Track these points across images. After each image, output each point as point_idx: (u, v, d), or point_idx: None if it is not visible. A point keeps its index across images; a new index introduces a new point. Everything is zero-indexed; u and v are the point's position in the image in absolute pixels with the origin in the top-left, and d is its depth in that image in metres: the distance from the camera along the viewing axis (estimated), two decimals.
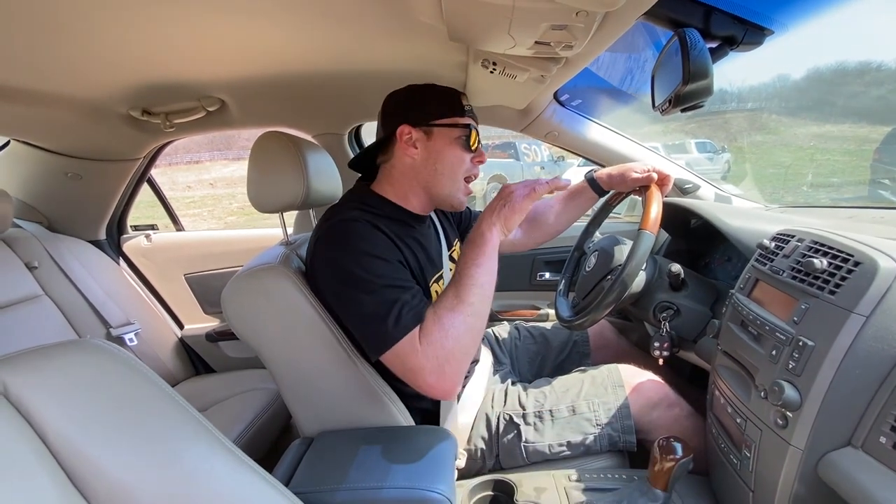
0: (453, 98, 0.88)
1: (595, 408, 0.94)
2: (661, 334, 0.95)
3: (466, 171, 0.89)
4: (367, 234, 0.79)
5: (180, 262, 1.80)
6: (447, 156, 0.87)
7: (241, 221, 10.11)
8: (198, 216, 10.59)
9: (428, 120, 0.86)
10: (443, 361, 0.72)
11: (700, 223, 1.13)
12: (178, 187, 13.28)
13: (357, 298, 0.76)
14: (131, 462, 0.49)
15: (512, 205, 0.79)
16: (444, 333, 0.72)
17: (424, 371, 0.72)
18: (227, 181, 13.70)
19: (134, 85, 1.05)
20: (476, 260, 0.76)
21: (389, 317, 0.73)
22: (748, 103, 11.37)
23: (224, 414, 1.34)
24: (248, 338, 0.88)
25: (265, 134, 0.96)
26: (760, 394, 0.66)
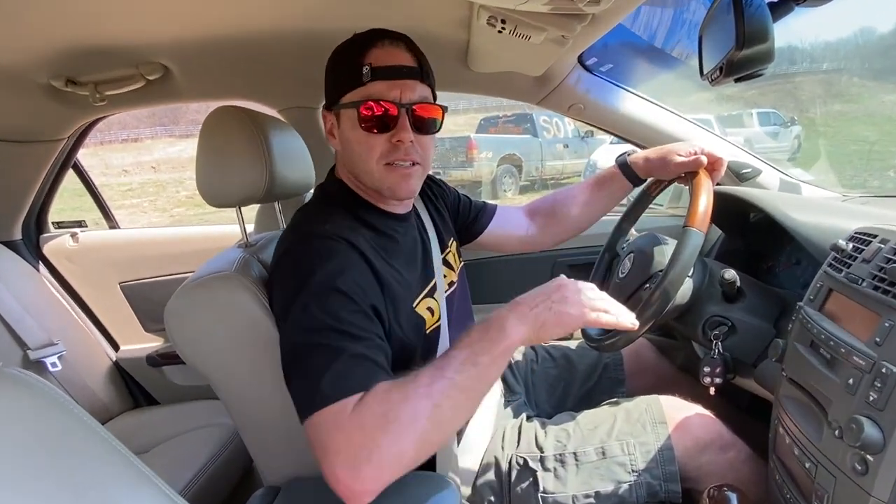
0: (352, 60, 0.83)
1: (630, 450, 0.94)
2: (712, 357, 0.95)
3: (383, 157, 0.85)
4: (332, 256, 0.77)
5: (115, 267, 1.80)
6: (352, 143, 0.86)
7: (190, 214, 10.13)
8: (137, 208, 10.63)
9: (335, 99, 0.87)
10: (364, 456, 0.63)
11: (761, 218, 1.14)
12: (112, 171, 13.33)
13: (294, 338, 0.74)
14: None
15: (561, 313, 0.73)
16: (383, 420, 0.64)
17: (339, 456, 0.64)
18: (172, 163, 13.74)
19: (55, 49, 1.05)
20: (477, 358, 0.69)
21: (327, 372, 0.68)
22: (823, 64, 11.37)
23: (170, 456, 1.35)
24: (198, 363, 0.88)
25: (218, 109, 0.96)
26: (834, 432, 0.66)
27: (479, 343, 0.70)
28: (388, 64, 0.82)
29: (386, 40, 0.84)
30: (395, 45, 0.84)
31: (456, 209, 1.18)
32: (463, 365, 0.69)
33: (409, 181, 0.88)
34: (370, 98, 0.82)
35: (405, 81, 0.83)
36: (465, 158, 8.72)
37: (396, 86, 0.83)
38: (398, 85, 0.83)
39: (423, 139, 0.88)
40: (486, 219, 1.22)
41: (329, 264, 0.77)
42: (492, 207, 1.25)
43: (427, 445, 0.67)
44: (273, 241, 1.04)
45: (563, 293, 0.74)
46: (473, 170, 8.67)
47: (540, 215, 1.27)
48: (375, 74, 0.82)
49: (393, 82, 0.82)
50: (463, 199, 1.21)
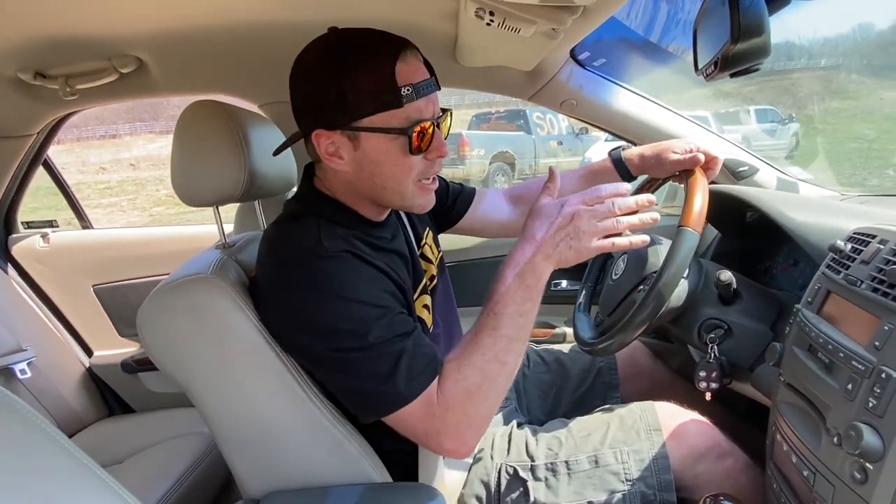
0: (385, 79, 0.75)
1: (624, 458, 0.94)
2: (708, 361, 0.95)
3: (420, 175, 0.84)
4: (343, 272, 0.77)
5: (88, 269, 1.78)
6: (384, 166, 0.81)
7: (170, 213, 10.07)
8: (115, 206, 10.54)
9: (349, 121, 0.78)
10: (464, 426, 0.77)
11: (757, 217, 1.14)
12: (89, 169, 13.22)
13: (340, 357, 0.77)
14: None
15: (580, 249, 0.77)
16: (467, 394, 0.76)
17: (440, 435, 0.77)
18: (152, 160, 13.65)
19: (23, 40, 1.04)
20: (523, 307, 0.78)
21: (397, 375, 0.75)
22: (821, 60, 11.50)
23: (145, 467, 1.33)
24: (173, 371, 0.87)
25: (194, 104, 0.95)
26: (833, 439, 0.66)
27: (520, 292, 0.78)
28: (421, 79, 0.78)
29: (410, 51, 0.78)
30: (413, 55, 0.79)
31: None
32: (513, 319, 0.77)
33: (432, 196, 0.89)
34: (416, 121, 0.78)
35: (432, 95, 0.81)
36: (457, 156, 8.73)
37: (430, 102, 0.80)
38: (431, 101, 0.80)
39: None
40: (465, 203, 1.21)
41: (344, 280, 0.77)
42: (470, 191, 1.23)
43: (504, 392, 0.80)
44: (253, 242, 1.03)
45: (577, 225, 0.77)
46: (465, 167, 8.68)
47: (524, 202, 1.26)
48: (418, 94, 0.77)
49: (427, 99, 0.79)
50: (441, 183, 1.18)
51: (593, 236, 0.76)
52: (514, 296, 0.78)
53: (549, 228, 0.78)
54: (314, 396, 0.84)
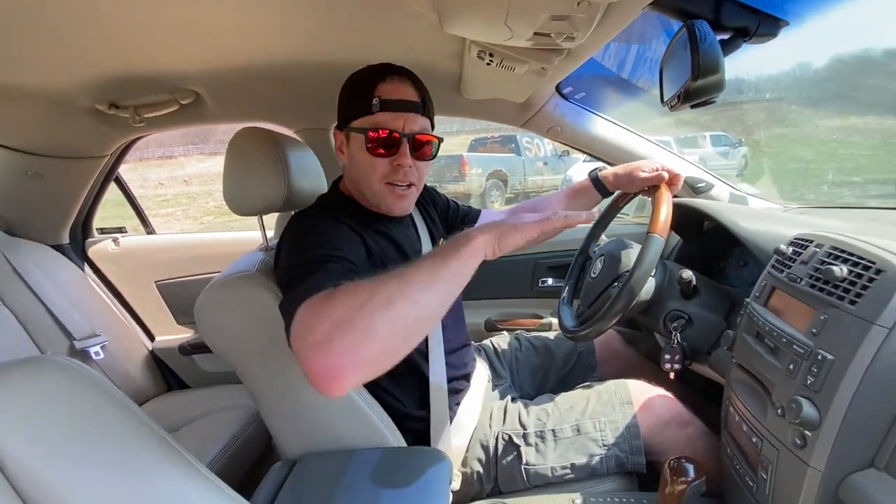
0: (365, 91, 0.84)
1: (601, 427, 0.95)
2: (671, 346, 0.96)
3: (385, 177, 0.87)
4: (323, 225, 0.81)
5: (151, 268, 1.79)
6: (359, 162, 0.87)
7: (218, 222, 10.08)
8: (171, 216, 10.55)
9: (346, 122, 0.88)
10: (325, 349, 0.56)
11: (713, 226, 1.14)
12: (149, 184, 13.22)
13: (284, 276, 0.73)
14: (96, 491, 0.49)
15: (518, 226, 0.70)
16: (345, 316, 0.57)
17: (304, 347, 0.57)
18: (203, 178, 13.65)
19: (101, 77, 1.05)
20: (446, 258, 0.64)
21: (304, 283, 0.65)
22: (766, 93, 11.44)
23: (198, 434, 1.34)
24: (224, 352, 0.88)
25: (243, 130, 0.96)
26: (777, 411, 0.66)
27: (447, 248, 0.66)
28: (395, 98, 0.84)
29: (395, 76, 0.85)
30: (402, 80, 0.86)
31: (445, 213, 1.19)
32: (427, 268, 0.63)
33: (404, 201, 0.91)
34: (378, 126, 0.83)
35: (408, 114, 0.85)
36: (458, 174, 8.74)
37: (401, 117, 0.84)
38: (402, 116, 0.84)
39: (420, 164, 0.90)
40: (472, 221, 1.23)
41: (319, 228, 0.80)
42: (476, 211, 1.25)
43: (378, 340, 0.57)
44: None
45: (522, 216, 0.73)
46: (465, 184, 8.68)
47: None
48: (383, 106, 0.83)
49: (398, 114, 0.84)
50: (451, 204, 1.21)
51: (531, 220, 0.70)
52: (441, 251, 0.66)
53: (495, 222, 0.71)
54: None
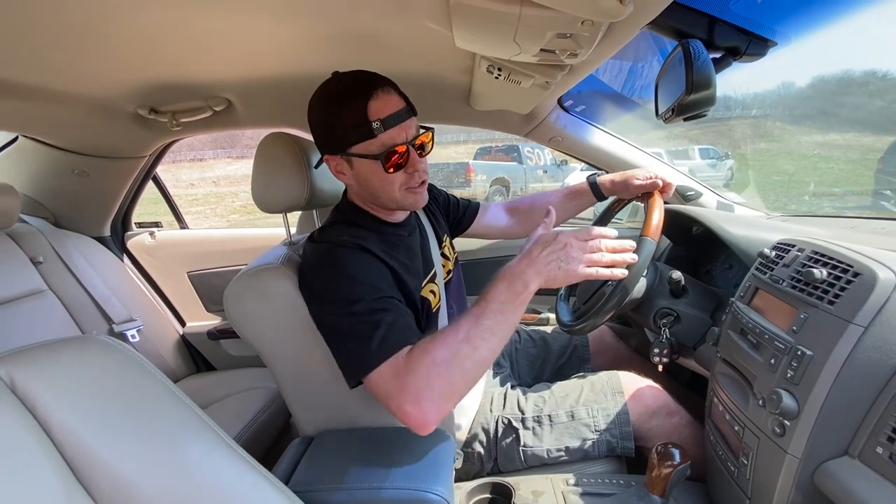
0: (359, 116, 0.77)
1: (594, 414, 0.94)
2: (660, 340, 0.95)
3: (404, 185, 0.84)
4: (352, 258, 0.78)
5: (183, 259, 1.80)
6: (373, 181, 0.83)
7: (243, 220, 10.14)
8: (200, 214, 10.62)
9: (343, 149, 0.81)
10: (423, 394, 0.65)
11: (702, 231, 1.14)
12: (181, 185, 13.33)
13: (335, 322, 0.75)
14: (135, 457, 0.50)
15: (568, 271, 0.70)
16: (432, 364, 0.66)
17: (401, 397, 0.66)
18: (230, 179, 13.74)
19: (143, 84, 1.06)
20: (505, 307, 0.69)
21: (371, 342, 0.70)
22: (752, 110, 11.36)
23: (225, 412, 1.35)
24: (250, 337, 0.88)
25: (270, 135, 0.96)
26: (759, 402, 0.66)
27: (507, 294, 0.70)
28: (390, 113, 0.78)
29: (380, 90, 0.78)
30: (388, 91, 0.79)
31: (447, 208, 1.18)
32: (495, 314, 0.69)
33: (422, 195, 0.87)
34: (388, 147, 0.78)
35: (404, 123, 0.80)
36: (464, 180, 8.75)
37: (402, 129, 0.79)
38: (402, 128, 0.79)
39: (425, 160, 0.87)
40: (472, 215, 1.22)
41: (351, 264, 0.78)
42: (475, 205, 1.24)
43: (469, 379, 0.68)
44: None
45: (569, 252, 0.71)
46: (470, 189, 8.68)
47: (518, 213, 1.27)
48: (386, 126, 0.77)
49: (399, 127, 0.79)
50: (452, 199, 1.20)
51: (580, 263, 0.71)
52: (501, 295, 0.70)
53: (543, 250, 0.72)
54: None
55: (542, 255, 0.72)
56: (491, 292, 0.71)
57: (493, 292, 0.71)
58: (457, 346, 0.67)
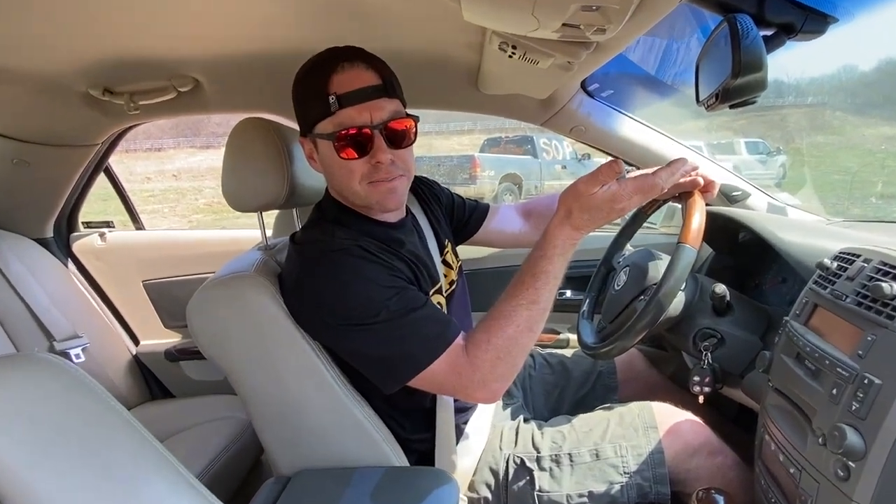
0: (318, 89, 0.80)
1: (622, 452, 0.94)
2: (701, 367, 0.95)
3: (366, 177, 0.84)
4: (360, 261, 0.81)
5: (138, 266, 1.81)
6: (332, 168, 0.85)
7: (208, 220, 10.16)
8: (157, 213, 10.65)
9: (308, 128, 0.86)
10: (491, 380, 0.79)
11: (749, 237, 1.14)
12: (135, 178, 13.38)
13: (369, 331, 0.78)
14: (78, 496, 0.50)
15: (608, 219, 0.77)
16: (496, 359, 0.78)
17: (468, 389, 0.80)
18: (193, 173, 13.80)
19: (96, 60, 1.07)
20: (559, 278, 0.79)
21: (412, 341, 0.78)
22: (808, 98, 11.42)
23: (185, 446, 1.34)
24: (217, 357, 0.89)
25: (244, 121, 0.97)
26: (818, 439, 0.66)
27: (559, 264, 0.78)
28: (352, 89, 0.79)
29: (345, 63, 0.80)
30: (356, 66, 0.81)
31: (451, 210, 1.18)
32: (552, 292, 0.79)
33: (395, 194, 0.87)
34: (342, 127, 0.80)
35: (372, 102, 0.80)
36: (469, 176, 8.77)
37: (365, 108, 0.80)
38: (367, 107, 0.80)
39: (402, 153, 0.85)
40: (480, 218, 1.23)
41: (359, 267, 0.80)
42: (484, 207, 1.25)
43: (531, 345, 0.82)
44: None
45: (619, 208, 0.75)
46: (476, 186, 8.70)
47: (534, 216, 1.28)
48: (342, 102, 0.79)
49: (361, 106, 0.79)
50: (457, 199, 1.21)
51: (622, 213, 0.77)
52: (558, 272, 0.78)
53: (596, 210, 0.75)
54: (342, 384, 0.86)
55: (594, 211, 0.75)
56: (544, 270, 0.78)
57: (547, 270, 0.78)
58: (517, 336, 0.78)
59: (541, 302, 0.78)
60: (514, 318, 0.78)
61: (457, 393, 0.84)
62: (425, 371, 0.78)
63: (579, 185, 0.76)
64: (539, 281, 0.78)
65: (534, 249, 0.80)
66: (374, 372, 0.82)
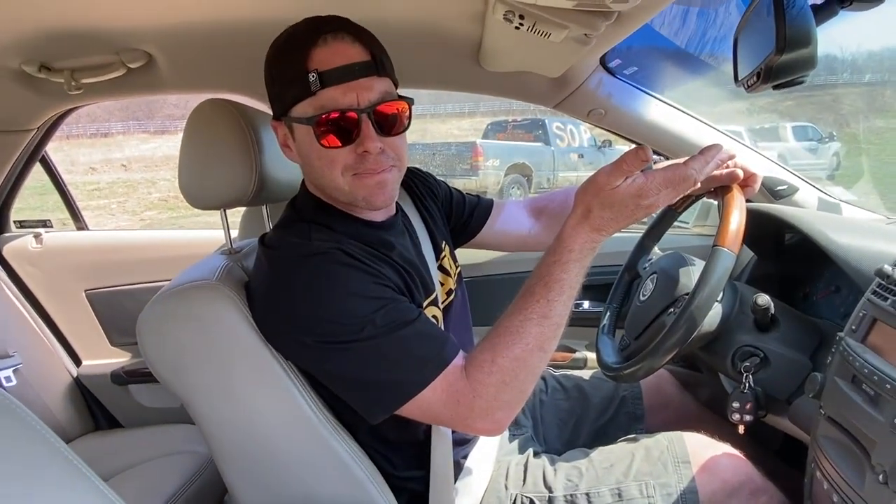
0: (296, 66, 0.79)
1: (650, 492, 0.94)
2: (742, 391, 0.95)
3: (350, 169, 0.83)
4: (342, 268, 0.80)
5: (81, 272, 1.81)
6: (311, 158, 0.85)
7: (162, 218, 10.17)
8: (104, 210, 10.65)
9: (283, 111, 0.85)
10: (495, 409, 0.79)
11: (797, 239, 1.15)
12: (78, 169, 13.38)
13: (349, 351, 0.78)
14: None
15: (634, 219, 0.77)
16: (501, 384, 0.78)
17: (469, 419, 0.79)
18: (145, 162, 13.82)
19: (29, 31, 1.07)
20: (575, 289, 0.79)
21: (403, 363, 0.77)
22: (866, 75, 11.49)
23: (133, 485, 1.34)
24: (172, 382, 0.88)
25: (205, 102, 0.97)
26: (878, 477, 0.66)
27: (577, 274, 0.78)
28: (337, 65, 0.78)
29: (328, 35, 0.79)
30: (338, 38, 0.80)
31: (448, 207, 1.19)
32: (566, 305, 0.79)
33: (385, 189, 0.86)
34: (324, 110, 0.79)
35: (359, 81, 0.79)
36: (470, 166, 8.77)
37: (351, 88, 0.79)
38: (353, 87, 0.79)
39: (393, 140, 0.85)
40: (483, 216, 1.23)
41: (342, 275, 0.79)
42: (487, 203, 1.25)
43: (541, 369, 0.82)
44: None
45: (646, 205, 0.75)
46: (479, 178, 8.71)
47: (546, 215, 1.29)
48: (325, 80, 0.78)
49: (346, 85, 0.79)
50: (455, 194, 1.21)
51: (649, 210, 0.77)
52: (574, 281, 0.78)
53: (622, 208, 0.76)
54: (320, 414, 0.85)
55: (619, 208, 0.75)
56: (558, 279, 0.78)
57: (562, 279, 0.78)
58: (526, 357, 0.78)
59: (553, 317, 0.78)
60: (523, 336, 0.77)
61: (455, 424, 0.83)
62: (417, 397, 0.77)
63: (600, 177, 0.76)
64: (552, 292, 0.77)
65: (546, 254, 0.80)
66: (357, 399, 0.81)
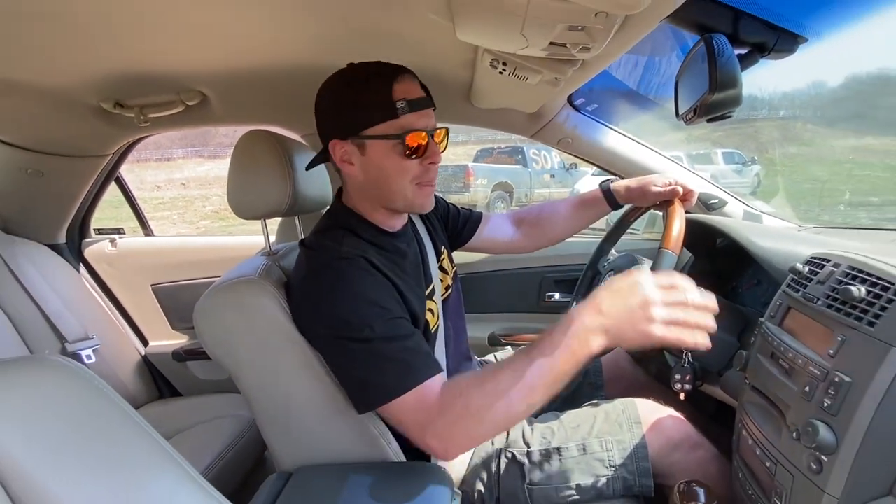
0: (383, 95, 0.81)
1: (608, 447, 0.94)
2: (682, 366, 0.95)
3: (416, 178, 0.86)
4: (359, 274, 0.80)
5: (148, 270, 1.80)
6: (386, 169, 0.85)
7: (215, 226, 10.13)
8: (167, 220, 10.61)
9: (357, 131, 0.83)
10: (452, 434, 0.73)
11: (727, 243, 1.15)
12: (146, 186, 13.32)
13: (345, 347, 0.78)
14: (89, 493, 0.49)
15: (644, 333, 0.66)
16: (464, 410, 0.72)
17: (427, 432, 0.74)
18: (200, 181, 13.76)
19: (107, 74, 1.07)
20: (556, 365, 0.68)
21: (390, 370, 0.75)
22: (780, 111, 11.53)
23: (190, 443, 1.33)
24: (222, 358, 0.88)
25: (249, 133, 0.97)
26: (792, 434, 0.66)
27: (561, 350, 0.68)
28: (415, 97, 0.83)
29: (406, 75, 0.84)
30: (412, 78, 0.85)
31: (446, 218, 1.19)
32: (541, 370, 0.69)
33: (431, 198, 0.90)
34: (409, 129, 0.82)
35: (426, 111, 0.85)
36: (463, 184, 8.81)
37: (423, 116, 0.84)
38: (424, 115, 0.84)
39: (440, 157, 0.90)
40: (474, 226, 1.23)
41: (358, 281, 0.79)
42: (477, 215, 1.25)
43: (499, 429, 0.79)
44: (293, 251, 1.05)
45: (650, 312, 0.66)
46: (470, 195, 8.73)
47: (526, 224, 1.29)
48: (411, 107, 0.81)
49: (420, 113, 0.83)
50: (452, 208, 1.22)
51: (664, 328, 0.66)
52: (553, 351, 0.68)
53: (614, 300, 0.68)
54: (340, 387, 0.85)
55: (616, 309, 0.68)
56: (542, 344, 0.70)
57: (544, 345, 0.69)
58: (492, 400, 0.70)
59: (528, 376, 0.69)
60: (499, 380, 0.71)
61: (413, 433, 0.75)
62: (393, 402, 0.75)
63: None
64: (534, 351, 0.70)
65: None
66: (349, 391, 0.81)
